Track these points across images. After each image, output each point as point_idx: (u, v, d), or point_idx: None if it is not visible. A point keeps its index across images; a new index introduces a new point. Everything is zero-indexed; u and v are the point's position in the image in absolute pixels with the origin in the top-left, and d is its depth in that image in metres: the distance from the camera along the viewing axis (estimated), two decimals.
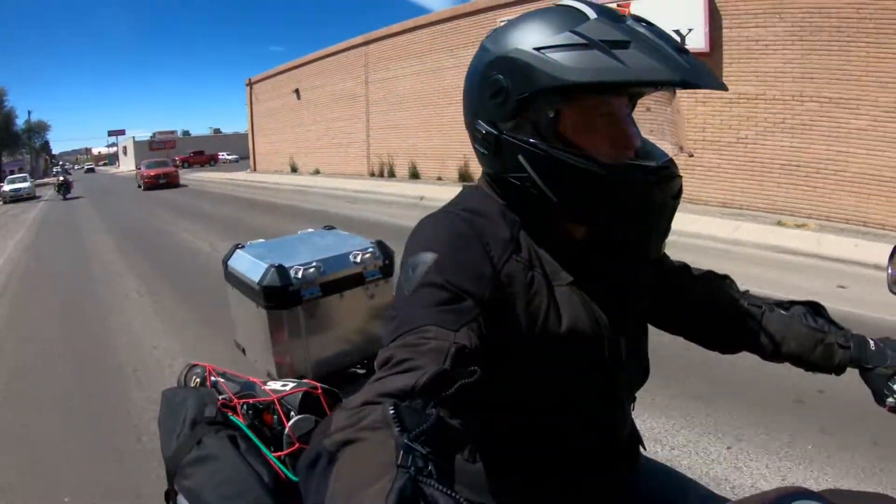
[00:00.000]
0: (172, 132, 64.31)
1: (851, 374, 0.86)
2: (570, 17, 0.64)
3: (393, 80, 15.43)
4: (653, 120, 0.77)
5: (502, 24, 0.75)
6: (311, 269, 1.35)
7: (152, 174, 21.52)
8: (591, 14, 0.64)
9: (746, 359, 0.96)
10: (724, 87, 0.66)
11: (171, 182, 21.53)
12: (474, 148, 0.76)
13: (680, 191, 0.70)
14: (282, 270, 1.30)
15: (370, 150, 16.63)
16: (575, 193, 0.67)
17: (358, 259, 1.48)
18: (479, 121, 0.72)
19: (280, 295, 1.28)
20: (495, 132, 0.69)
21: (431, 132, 14.25)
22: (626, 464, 0.84)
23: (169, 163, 25.54)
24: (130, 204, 16.18)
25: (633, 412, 0.85)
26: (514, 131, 0.68)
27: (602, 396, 0.76)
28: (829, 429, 2.38)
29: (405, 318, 0.60)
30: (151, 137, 59.73)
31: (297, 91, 20.26)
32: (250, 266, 1.36)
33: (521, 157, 0.68)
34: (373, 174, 16.46)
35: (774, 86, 8.22)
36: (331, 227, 1.83)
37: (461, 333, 0.57)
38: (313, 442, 0.48)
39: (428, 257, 0.65)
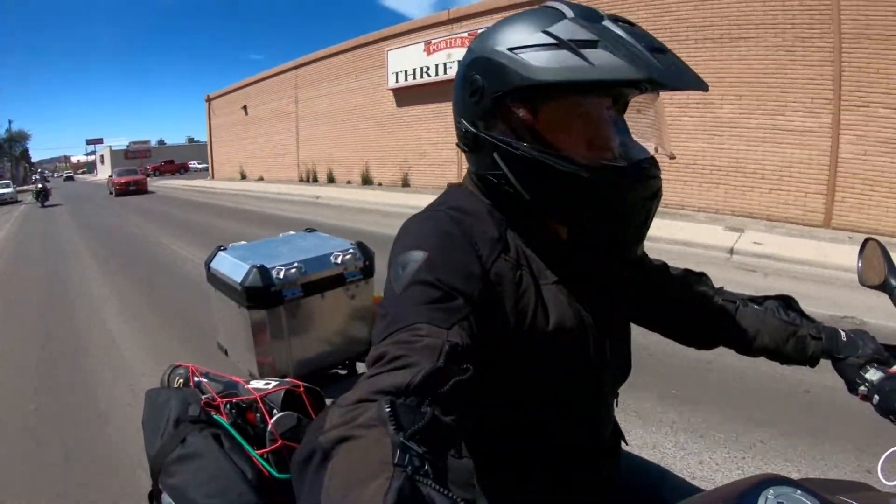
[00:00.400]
0: (146, 142, 67.66)
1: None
2: (547, 18, 0.65)
3: (315, 100, 18.72)
4: (635, 122, 0.75)
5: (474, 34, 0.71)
6: (293, 270, 1.36)
7: (123, 181, 23.46)
8: (569, 14, 0.65)
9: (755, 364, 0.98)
10: (703, 87, 0.63)
11: (140, 189, 23.58)
12: (459, 146, 0.76)
13: (657, 192, 0.70)
14: (263, 271, 1.31)
15: (299, 159, 20.08)
16: (546, 191, 0.68)
17: (338, 260, 1.50)
18: (462, 119, 0.73)
19: (262, 295, 1.29)
20: (474, 130, 0.71)
21: (342, 144, 17.44)
22: (610, 459, 0.85)
23: (138, 171, 27.53)
24: (101, 209, 17.85)
25: (616, 408, 0.86)
26: (491, 129, 0.69)
27: (588, 393, 0.76)
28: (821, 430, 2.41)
29: (396, 315, 0.59)
30: (127, 147, 63.19)
31: (244, 108, 23.56)
32: (232, 267, 1.36)
33: (495, 155, 0.69)
34: (301, 179, 19.70)
35: None
36: (312, 230, 1.84)
37: (453, 331, 0.57)
38: (307, 438, 0.47)
39: (418, 255, 0.64)
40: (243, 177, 24.26)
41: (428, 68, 14.00)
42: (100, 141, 67.38)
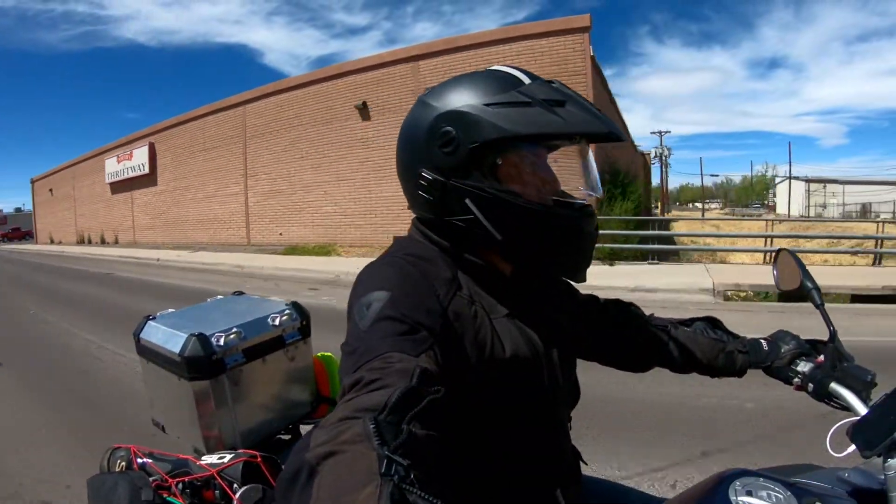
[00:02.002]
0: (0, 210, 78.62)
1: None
2: (510, 81, 0.75)
3: (83, 187, 30.74)
4: (573, 168, 0.87)
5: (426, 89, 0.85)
6: (232, 336, 1.33)
7: None
8: (525, 79, 0.75)
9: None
10: (626, 139, 0.80)
11: None
12: (415, 194, 0.80)
13: (597, 225, 0.82)
14: (203, 339, 1.26)
15: (77, 227, 31.68)
16: (518, 229, 0.76)
17: (276, 322, 1.48)
18: (425, 169, 0.77)
19: (204, 364, 1.24)
20: (442, 178, 0.76)
21: (93, 217, 29.67)
22: (573, 479, 0.91)
23: None
24: None
25: (570, 430, 0.92)
26: (462, 177, 0.75)
27: (546, 417, 0.83)
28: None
29: (367, 348, 0.62)
30: None
31: (51, 190, 35.45)
32: (167, 337, 1.30)
33: (467, 201, 0.75)
34: (79, 242, 30.87)
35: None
36: (240, 293, 1.79)
37: (421, 358, 0.60)
38: (292, 458, 0.49)
39: (382, 295, 0.68)
40: (52, 241, 35.13)
41: (118, 172, 26.26)
42: None
